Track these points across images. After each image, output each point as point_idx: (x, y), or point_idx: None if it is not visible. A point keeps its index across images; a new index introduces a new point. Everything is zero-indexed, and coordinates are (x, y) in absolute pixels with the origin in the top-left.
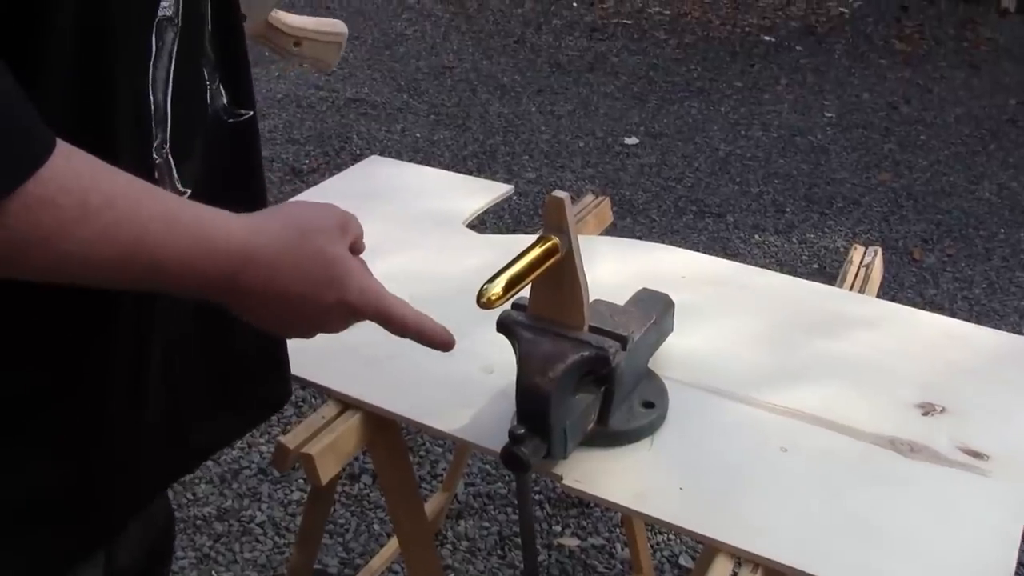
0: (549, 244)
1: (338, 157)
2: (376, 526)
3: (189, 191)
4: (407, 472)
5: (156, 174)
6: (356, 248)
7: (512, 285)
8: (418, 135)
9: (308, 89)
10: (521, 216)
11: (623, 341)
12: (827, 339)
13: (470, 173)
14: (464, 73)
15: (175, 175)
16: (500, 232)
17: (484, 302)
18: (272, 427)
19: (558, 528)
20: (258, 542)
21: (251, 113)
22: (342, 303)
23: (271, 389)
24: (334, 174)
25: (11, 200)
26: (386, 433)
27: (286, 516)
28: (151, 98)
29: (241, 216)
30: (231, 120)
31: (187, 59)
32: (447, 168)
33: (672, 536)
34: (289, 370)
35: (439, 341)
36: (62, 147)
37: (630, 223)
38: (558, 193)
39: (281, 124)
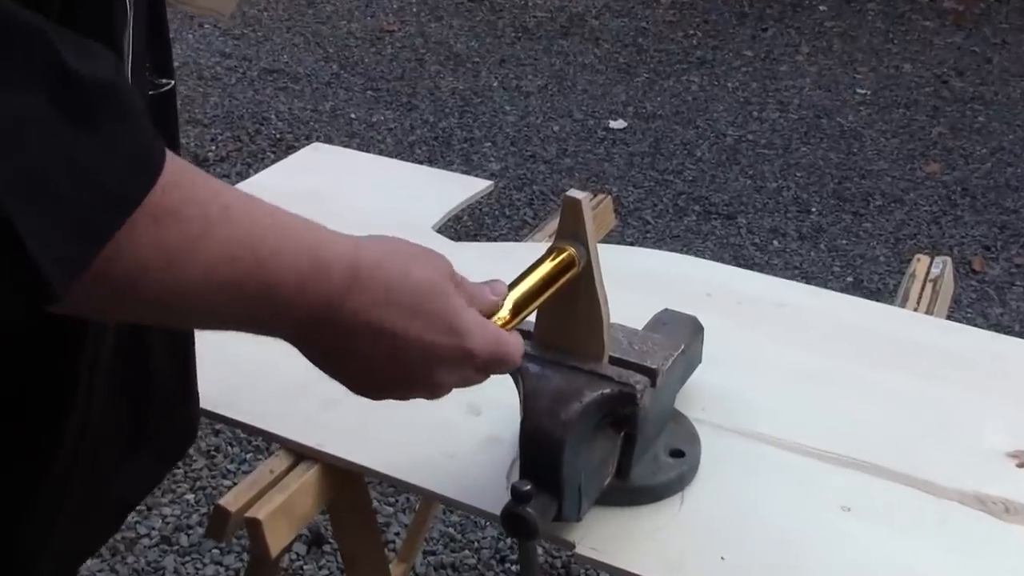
0: (564, 256)
1: (252, 142)
2: None
3: None
4: (375, 536)
5: None
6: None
7: (521, 308)
8: (353, 116)
9: (212, 56)
10: (484, 218)
11: (651, 375)
12: (891, 372)
13: (419, 164)
14: (408, 38)
15: None
16: (460, 237)
17: None
18: (178, 483)
19: None
20: None
21: (172, 83)
22: (462, 352)
23: (185, 422)
24: (248, 164)
25: (138, 213)
26: (350, 490)
27: None
28: (126, 71)
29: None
30: (152, 92)
31: (140, 22)
32: (389, 157)
33: None
34: (199, 401)
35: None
36: (168, 152)
37: (620, 226)
38: (575, 193)
39: (180, 100)
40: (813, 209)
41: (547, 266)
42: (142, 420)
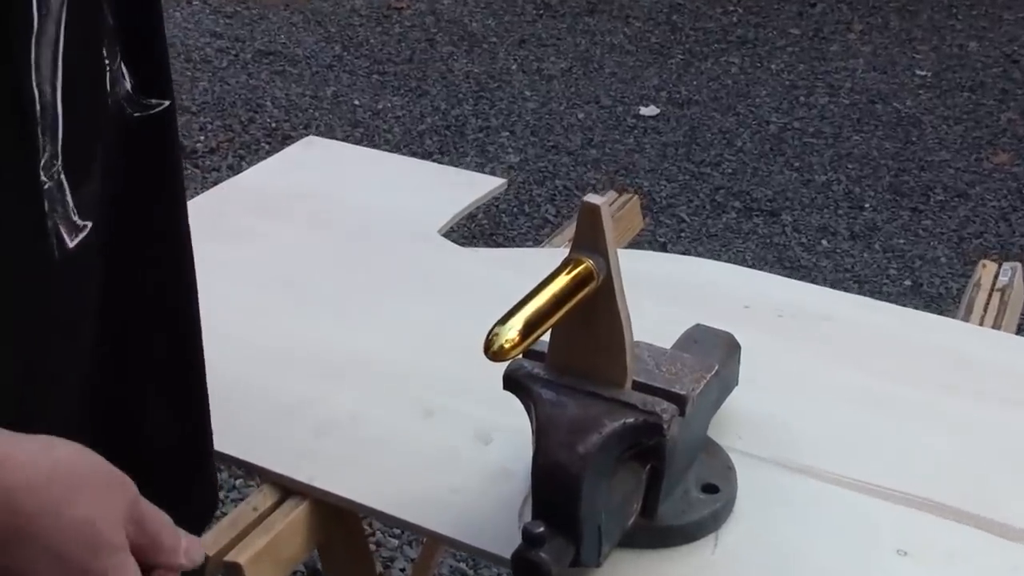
0: (581, 270)
1: (245, 132)
2: None
3: (90, 224)
4: None
5: (46, 204)
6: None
7: (533, 328)
8: (356, 103)
9: (201, 37)
10: (501, 216)
11: (680, 402)
12: (954, 395)
13: (429, 155)
14: (418, 16)
15: (70, 204)
16: (475, 237)
17: (495, 351)
18: None
19: None
20: None
21: (167, 103)
22: None
23: (197, 501)
24: (241, 156)
25: None
26: (344, 528)
27: None
28: (35, 92)
29: None
30: (139, 114)
31: (81, 30)
32: (397, 148)
33: None
34: (215, 473)
35: None
36: None
37: (651, 224)
38: (592, 198)
39: None
40: (867, 205)
41: (562, 280)
42: None
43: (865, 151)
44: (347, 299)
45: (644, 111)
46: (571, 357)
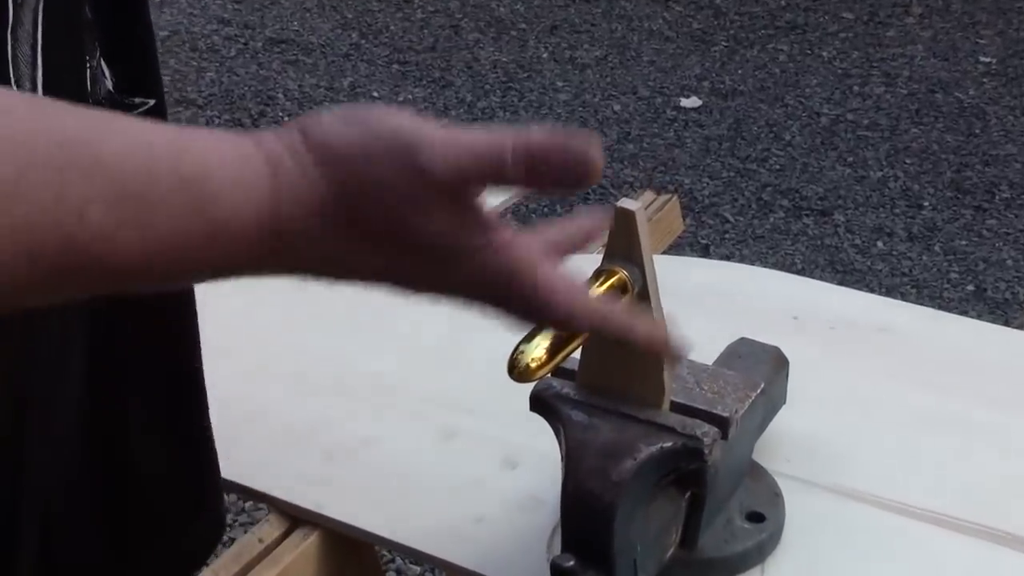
0: (614, 281)
1: (256, 127)
2: None
3: None
4: None
5: None
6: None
7: (561, 345)
8: (375, 94)
9: (208, 23)
10: (531, 216)
11: (723, 424)
12: None
13: None
14: (442, 1)
15: None
16: None
17: (520, 372)
18: None
19: None
20: None
21: (151, 102)
22: (409, 169)
23: (196, 535)
24: None
25: None
26: (358, 560)
27: None
28: (13, 87)
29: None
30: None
31: (60, 23)
32: None
33: None
34: (222, 501)
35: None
36: None
37: (692, 225)
38: (627, 203)
39: (168, 77)
40: (926, 203)
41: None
42: (126, 540)
43: (924, 145)
44: (360, 312)
45: (685, 102)
46: (603, 376)
